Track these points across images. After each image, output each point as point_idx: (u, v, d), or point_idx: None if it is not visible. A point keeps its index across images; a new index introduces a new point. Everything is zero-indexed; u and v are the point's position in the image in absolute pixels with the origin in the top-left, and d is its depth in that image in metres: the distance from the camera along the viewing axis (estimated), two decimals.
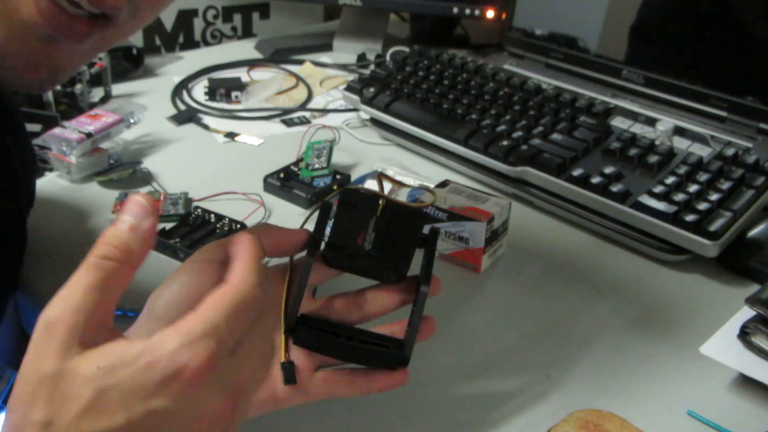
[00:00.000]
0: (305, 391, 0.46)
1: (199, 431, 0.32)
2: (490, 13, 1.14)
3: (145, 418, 0.30)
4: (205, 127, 0.95)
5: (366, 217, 0.46)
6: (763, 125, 0.81)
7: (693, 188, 0.71)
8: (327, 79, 1.11)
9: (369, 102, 0.92)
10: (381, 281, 0.49)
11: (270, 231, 0.45)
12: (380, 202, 0.46)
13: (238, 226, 0.70)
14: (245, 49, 1.24)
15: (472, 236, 0.66)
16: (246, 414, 0.35)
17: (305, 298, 0.46)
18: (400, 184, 0.62)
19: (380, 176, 0.49)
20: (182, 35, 1.29)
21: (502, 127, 0.83)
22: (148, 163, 0.83)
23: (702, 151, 0.78)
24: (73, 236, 0.71)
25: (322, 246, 0.46)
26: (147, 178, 0.81)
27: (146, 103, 0.89)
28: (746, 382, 0.55)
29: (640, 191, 0.72)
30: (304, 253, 0.46)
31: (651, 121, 0.84)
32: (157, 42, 1.26)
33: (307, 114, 1.00)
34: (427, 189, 0.53)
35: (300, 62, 1.16)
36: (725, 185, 0.71)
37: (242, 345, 0.34)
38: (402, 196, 0.78)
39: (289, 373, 0.42)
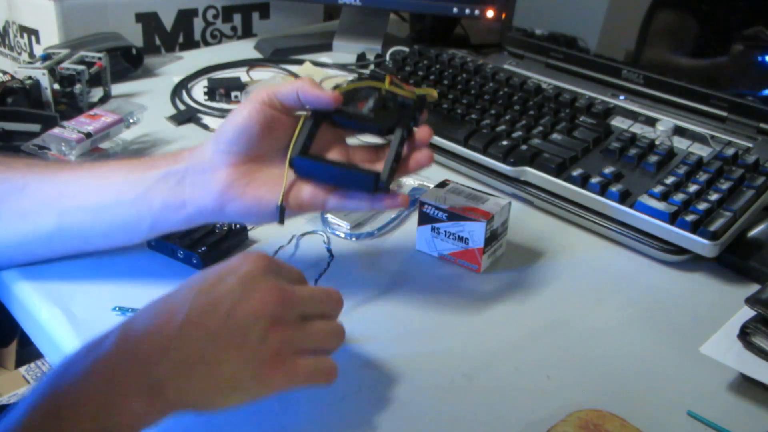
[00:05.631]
0: (299, 203, 0.59)
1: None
2: (490, 13, 1.14)
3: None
4: (205, 127, 0.95)
5: (371, 93, 0.60)
6: (763, 125, 0.81)
7: (693, 188, 0.71)
8: (327, 79, 1.11)
9: None
10: (373, 133, 0.61)
11: (309, 86, 0.57)
12: (386, 81, 0.60)
13: (237, 225, 0.70)
14: (245, 49, 1.24)
15: (471, 236, 0.66)
16: None
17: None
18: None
19: (391, 76, 0.61)
20: (182, 35, 1.29)
21: (501, 127, 0.83)
22: None
23: (702, 151, 0.78)
24: None
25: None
26: None
27: (146, 103, 0.89)
28: (746, 382, 0.55)
29: (640, 191, 0.72)
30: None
31: (651, 121, 0.84)
32: (157, 42, 1.26)
33: None
34: (427, 91, 0.62)
35: (300, 62, 1.16)
36: (725, 185, 0.71)
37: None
38: (405, 189, 0.78)
39: (281, 215, 0.57)
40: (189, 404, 0.44)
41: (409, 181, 0.82)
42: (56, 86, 0.91)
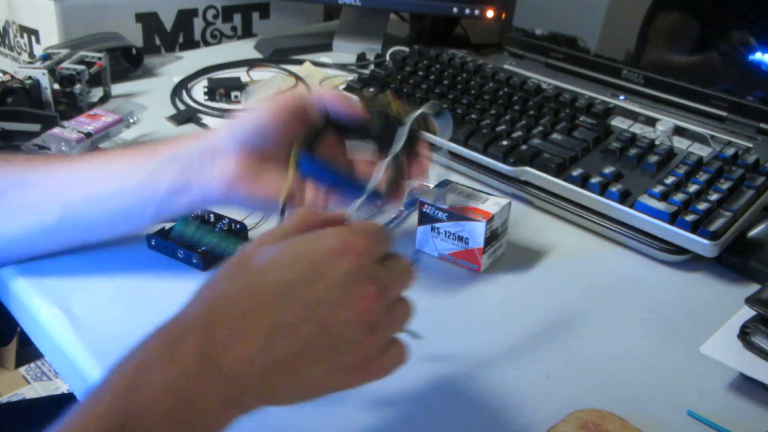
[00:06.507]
0: (300, 202, 0.60)
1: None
2: (490, 13, 1.14)
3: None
4: (205, 127, 0.95)
5: (381, 116, 0.62)
6: (763, 125, 0.81)
7: (693, 188, 0.71)
8: (327, 79, 1.11)
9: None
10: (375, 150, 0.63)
11: (340, 101, 0.60)
12: (390, 103, 0.62)
13: (238, 226, 0.70)
14: (245, 49, 1.24)
15: (471, 236, 0.66)
16: None
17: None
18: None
19: (392, 92, 0.64)
20: (182, 35, 1.29)
21: (501, 127, 0.83)
22: None
23: (702, 151, 0.78)
24: None
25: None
26: None
27: (146, 103, 0.89)
28: (746, 382, 0.55)
29: (640, 191, 0.72)
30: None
31: (651, 121, 0.84)
32: (157, 42, 1.26)
33: None
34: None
35: (300, 62, 1.16)
36: (725, 185, 0.71)
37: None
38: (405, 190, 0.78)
39: (283, 210, 0.59)
40: (264, 405, 0.42)
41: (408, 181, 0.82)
42: (56, 86, 0.91)
